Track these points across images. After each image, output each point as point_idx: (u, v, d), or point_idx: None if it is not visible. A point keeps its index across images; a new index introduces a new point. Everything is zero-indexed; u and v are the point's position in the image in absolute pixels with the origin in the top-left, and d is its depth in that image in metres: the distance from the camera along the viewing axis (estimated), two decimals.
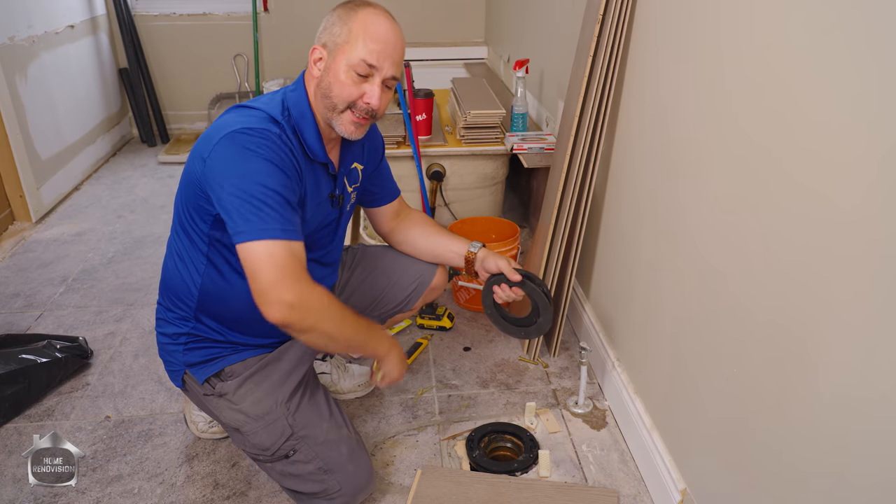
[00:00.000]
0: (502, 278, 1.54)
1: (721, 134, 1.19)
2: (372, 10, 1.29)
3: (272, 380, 1.41)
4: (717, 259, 1.21)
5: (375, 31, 1.27)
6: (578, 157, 1.73)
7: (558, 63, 2.36)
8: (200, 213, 1.30)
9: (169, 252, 1.43)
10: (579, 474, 1.58)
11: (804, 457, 0.98)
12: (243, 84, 4.04)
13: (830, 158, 0.90)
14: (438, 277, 1.70)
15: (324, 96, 1.30)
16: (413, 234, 1.67)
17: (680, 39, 1.36)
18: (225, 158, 1.21)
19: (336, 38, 1.28)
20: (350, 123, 1.31)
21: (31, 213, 2.90)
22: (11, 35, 2.85)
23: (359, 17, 1.27)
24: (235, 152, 1.20)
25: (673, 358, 1.43)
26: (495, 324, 1.64)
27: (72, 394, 1.85)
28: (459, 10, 4.03)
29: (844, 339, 0.89)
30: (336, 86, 1.28)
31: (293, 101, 1.33)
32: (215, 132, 1.25)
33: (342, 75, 1.27)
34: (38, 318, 2.21)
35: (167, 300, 1.44)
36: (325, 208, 1.41)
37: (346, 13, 1.29)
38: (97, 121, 3.64)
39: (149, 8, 3.92)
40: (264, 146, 1.21)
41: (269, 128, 1.24)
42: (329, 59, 1.29)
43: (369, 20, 1.27)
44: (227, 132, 1.22)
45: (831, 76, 0.89)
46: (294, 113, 1.31)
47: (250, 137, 1.21)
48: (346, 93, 1.28)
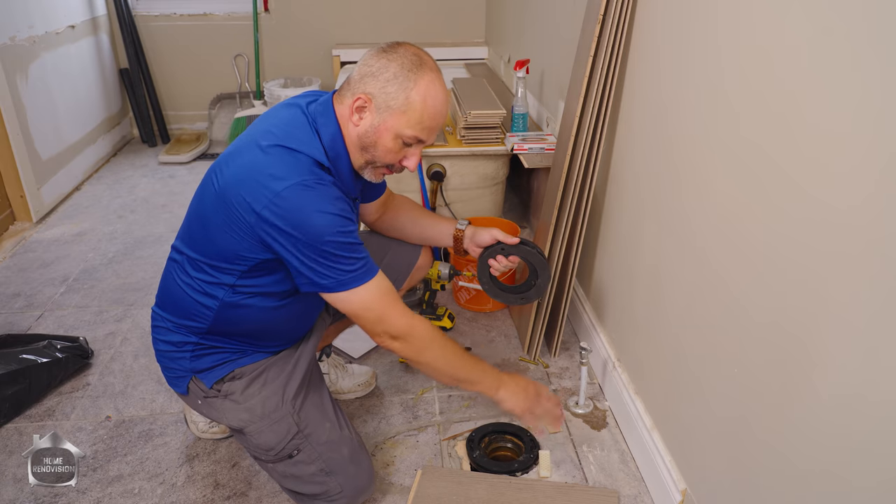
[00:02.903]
0: (496, 249, 1.59)
1: (722, 134, 1.18)
2: (432, 77, 1.26)
3: (279, 379, 1.41)
4: (718, 259, 1.21)
5: (433, 109, 1.26)
6: (579, 157, 1.73)
7: (559, 63, 2.36)
8: (243, 258, 1.28)
9: (178, 273, 1.37)
10: (580, 475, 1.58)
11: (805, 456, 0.98)
12: (244, 84, 4.04)
13: (830, 160, 0.90)
14: (423, 257, 1.75)
15: (363, 149, 1.30)
16: (401, 220, 1.69)
17: (680, 40, 1.36)
18: (293, 215, 1.19)
19: (390, 100, 1.25)
20: (380, 174, 1.36)
21: (31, 213, 2.90)
22: (12, 35, 2.85)
23: (420, 87, 1.24)
24: (303, 209, 1.19)
25: (674, 358, 1.43)
26: (494, 296, 1.68)
27: (72, 394, 1.85)
28: (460, 10, 4.03)
29: (845, 339, 0.89)
30: (381, 149, 1.29)
31: (329, 139, 1.28)
32: (265, 180, 1.20)
33: (390, 142, 1.27)
34: (38, 318, 2.21)
35: (173, 316, 1.40)
36: None
37: (406, 77, 1.24)
38: (98, 121, 3.64)
39: (149, 8, 3.92)
40: (328, 198, 1.22)
41: (323, 177, 1.24)
42: (377, 119, 1.26)
43: (430, 94, 1.25)
44: (286, 186, 1.19)
45: (832, 78, 0.89)
46: (331, 153, 1.29)
47: (314, 192, 1.21)
48: (390, 158, 1.30)
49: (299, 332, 1.50)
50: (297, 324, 1.48)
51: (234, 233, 1.25)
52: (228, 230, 1.26)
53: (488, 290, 1.68)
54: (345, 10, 3.95)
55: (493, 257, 1.60)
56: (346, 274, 1.24)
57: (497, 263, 1.60)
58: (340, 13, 3.96)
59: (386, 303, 1.29)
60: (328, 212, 1.21)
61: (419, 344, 1.33)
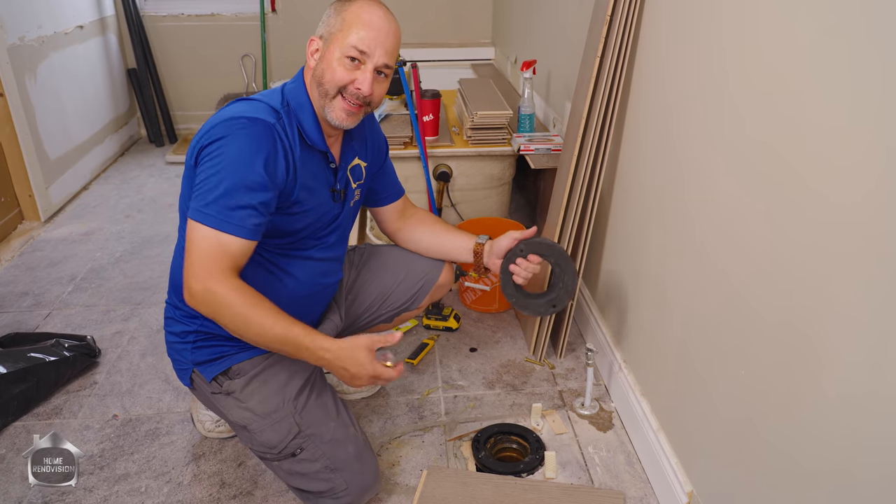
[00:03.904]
0: (515, 252, 1.52)
1: (727, 135, 1.18)
2: (366, 1, 1.32)
3: (279, 378, 1.41)
4: (724, 260, 1.21)
5: (368, 19, 1.30)
6: (586, 158, 1.73)
7: (565, 64, 2.36)
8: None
9: (178, 251, 1.43)
10: (585, 476, 1.58)
11: (813, 457, 0.98)
12: (251, 84, 4.05)
13: (835, 158, 0.90)
14: (445, 275, 1.72)
15: (318, 84, 1.33)
16: (419, 233, 1.68)
17: (686, 41, 1.36)
18: (214, 141, 1.24)
19: (331, 27, 1.32)
20: (341, 110, 1.33)
21: (39, 212, 2.91)
22: (21, 35, 2.87)
23: (353, 6, 1.31)
24: (224, 139, 1.23)
25: (680, 359, 1.42)
26: (522, 308, 1.57)
27: (80, 392, 1.86)
28: (466, 10, 4.03)
29: (852, 338, 0.88)
30: (328, 72, 1.31)
31: (292, 92, 1.36)
32: (212, 120, 1.28)
33: (335, 62, 1.30)
34: (46, 317, 2.22)
35: (175, 297, 1.44)
36: (324, 201, 1.42)
37: (342, 4, 1.33)
38: (106, 121, 3.66)
39: (157, 8, 3.94)
40: (254, 136, 1.24)
41: (266, 118, 1.27)
42: (324, 49, 1.33)
43: (362, 9, 1.31)
44: (220, 120, 1.26)
45: (836, 76, 0.89)
46: (293, 103, 1.34)
47: (241, 127, 1.24)
48: (338, 77, 1.31)
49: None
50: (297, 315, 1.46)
51: (190, 181, 1.29)
52: (189, 182, 1.30)
53: (515, 303, 1.56)
54: None
55: (513, 261, 1.52)
56: (209, 207, 1.20)
57: (519, 268, 1.52)
58: None
59: (213, 258, 1.20)
60: (248, 149, 1.23)
61: (208, 310, 1.22)
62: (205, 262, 1.21)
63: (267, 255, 1.38)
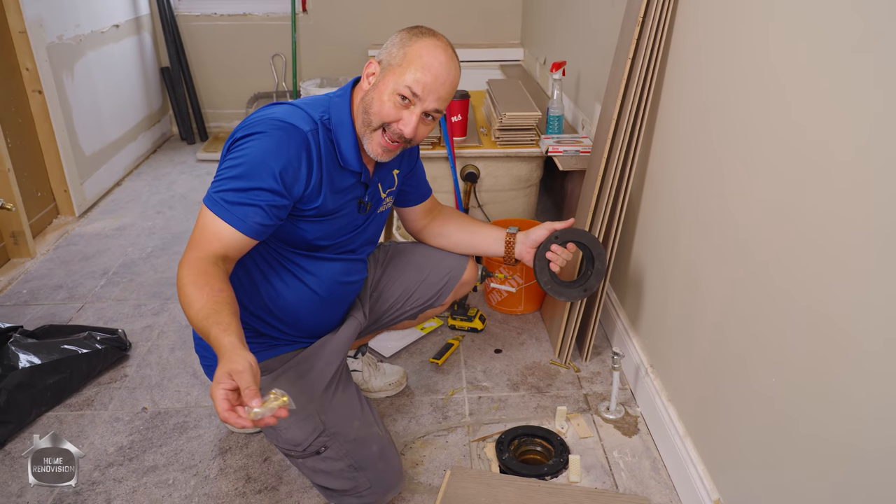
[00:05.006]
0: (550, 240, 1.54)
1: (773, 131, 1.15)
2: (434, 41, 1.30)
3: (306, 376, 1.42)
4: (767, 259, 1.19)
5: (429, 63, 1.27)
6: (615, 160, 1.72)
7: (595, 65, 2.34)
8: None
9: None
10: (610, 481, 1.56)
11: (847, 467, 0.96)
12: (280, 84, 4.09)
13: (890, 154, 0.87)
14: (469, 272, 1.73)
15: (364, 111, 1.32)
16: (449, 228, 1.69)
17: (724, 39, 1.34)
18: (246, 136, 1.25)
19: (392, 58, 1.30)
20: (378, 146, 1.33)
21: (74, 207, 2.98)
22: (60, 34, 2.93)
23: (418, 44, 1.29)
24: (254, 136, 1.24)
25: (708, 364, 1.40)
26: (556, 295, 1.61)
27: (110, 384, 1.90)
28: (496, 11, 4.03)
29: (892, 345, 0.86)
30: (377, 103, 1.30)
31: (337, 106, 1.35)
32: (252, 116, 1.30)
33: (385, 95, 1.29)
34: (79, 310, 2.27)
35: None
36: (349, 212, 1.42)
37: (409, 37, 1.30)
38: (139, 118, 3.73)
39: (191, 8, 4.00)
40: (282, 142, 1.24)
41: (302, 126, 1.27)
42: (379, 76, 1.31)
43: (426, 50, 1.28)
44: (259, 118, 1.27)
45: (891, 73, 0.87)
46: (334, 119, 1.33)
47: (274, 128, 1.24)
48: (385, 112, 1.29)
49: (323, 323, 1.50)
50: (320, 313, 1.48)
51: None
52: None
53: (550, 290, 1.59)
54: (381, 10, 3.98)
55: (547, 249, 1.55)
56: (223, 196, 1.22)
57: (556, 255, 1.54)
58: (377, 14, 3.99)
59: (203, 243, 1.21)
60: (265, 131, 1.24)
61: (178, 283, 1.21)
62: (194, 246, 1.22)
63: (288, 254, 1.39)
